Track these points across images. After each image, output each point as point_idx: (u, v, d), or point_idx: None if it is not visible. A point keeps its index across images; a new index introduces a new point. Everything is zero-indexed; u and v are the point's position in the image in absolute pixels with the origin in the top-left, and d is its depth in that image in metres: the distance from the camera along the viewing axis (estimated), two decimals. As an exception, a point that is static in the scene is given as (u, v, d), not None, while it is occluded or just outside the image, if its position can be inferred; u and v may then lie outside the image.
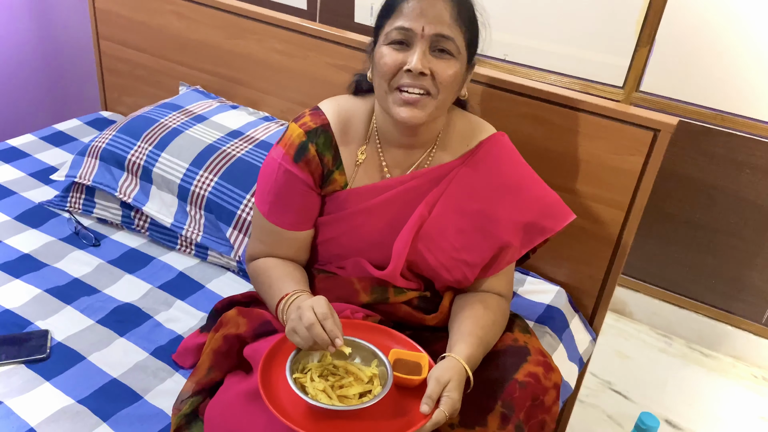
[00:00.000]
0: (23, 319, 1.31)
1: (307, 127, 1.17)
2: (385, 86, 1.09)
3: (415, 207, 1.17)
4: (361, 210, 1.19)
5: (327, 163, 1.17)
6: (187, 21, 1.93)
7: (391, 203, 1.18)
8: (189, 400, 1.11)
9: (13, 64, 2.24)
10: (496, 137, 1.21)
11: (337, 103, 1.21)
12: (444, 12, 1.05)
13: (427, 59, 1.06)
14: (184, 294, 1.44)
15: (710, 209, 2.12)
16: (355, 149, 1.19)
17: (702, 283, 2.24)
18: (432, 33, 1.05)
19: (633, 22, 2.01)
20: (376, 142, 1.19)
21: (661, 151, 1.34)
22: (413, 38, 1.06)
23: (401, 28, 1.06)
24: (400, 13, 1.06)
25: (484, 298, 1.20)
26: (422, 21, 1.04)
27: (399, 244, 1.16)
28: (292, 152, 1.16)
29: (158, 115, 1.72)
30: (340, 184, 1.19)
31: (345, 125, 1.19)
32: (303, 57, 1.76)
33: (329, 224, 1.22)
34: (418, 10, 1.05)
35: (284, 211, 1.19)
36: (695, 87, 2.01)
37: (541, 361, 1.12)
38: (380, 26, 1.11)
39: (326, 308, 1.00)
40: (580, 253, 1.53)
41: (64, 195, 1.69)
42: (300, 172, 1.16)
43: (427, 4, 1.05)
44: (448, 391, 0.98)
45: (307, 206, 1.20)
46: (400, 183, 1.18)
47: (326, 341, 0.97)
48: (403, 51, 1.07)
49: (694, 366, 2.20)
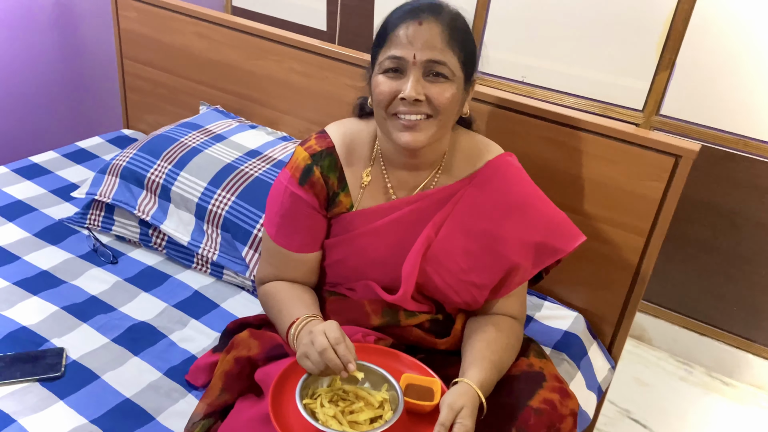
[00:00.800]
0: (39, 336, 1.32)
1: (312, 150, 1.17)
2: (383, 113, 1.09)
3: (422, 228, 1.16)
4: (368, 231, 1.18)
5: (332, 186, 1.18)
6: (208, 41, 1.96)
7: (397, 224, 1.18)
8: (200, 423, 1.10)
9: (37, 81, 2.28)
10: (502, 157, 1.20)
11: (343, 126, 1.22)
12: (435, 37, 1.04)
13: (422, 85, 1.05)
14: (198, 313, 1.45)
15: (732, 235, 2.09)
16: (360, 171, 1.20)
17: (723, 310, 2.19)
18: (424, 59, 1.04)
19: (653, 45, 2.00)
20: (381, 164, 1.19)
21: (682, 177, 1.32)
22: (406, 65, 1.05)
23: (393, 57, 1.05)
24: (392, 41, 1.06)
25: (496, 320, 1.18)
26: (413, 48, 1.04)
27: (407, 266, 1.15)
28: (298, 175, 1.17)
29: (178, 134, 1.74)
30: (345, 206, 1.19)
31: (350, 147, 1.19)
32: (322, 78, 1.78)
33: (336, 246, 1.22)
34: (409, 38, 1.04)
35: (291, 233, 1.19)
36: (717, 111, 1.99)
37: (557, 387, 1.10)
38: (375, 55, 1.11)
39: (338, 333, 0.99)
40: (599, 279, 1.51)
41: (83, 212, 1.71)
42: (305, 194, 1.17)
43: (417, 30, 1.04)
44: (461, 418, 0.96)
45: (314, 228, 1.20)
46: (406, 204, 1.18)
47: (339, 366, 0.97)
48: (397, 79, 1.06)
49: (714, 395, 2.15)
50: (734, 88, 1.94)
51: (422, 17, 1.05)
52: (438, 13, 1.06)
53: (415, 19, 1.05)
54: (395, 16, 1.08)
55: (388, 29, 1.08)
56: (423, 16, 1.05)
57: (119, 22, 2.14)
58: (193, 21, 1.96)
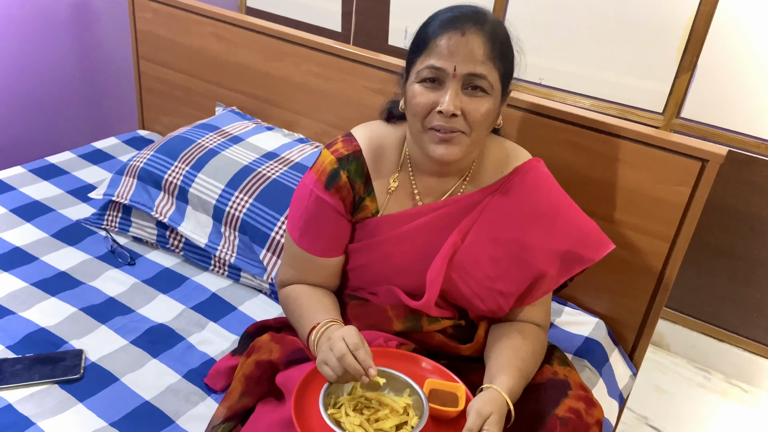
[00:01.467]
0: (58, 338, 1.31)
1: (339, 154, 1.16)
2: (419, 125, 1.07)
3: (448, 235, 1.15)
4: (393, 237, 1.17)
5: (358, 190, 1.16)
6: (225, 43, 1.95)
7: (422, 230, 1.16)
8: (220, 427, 1.09)
9: (54, 82, 2.28)
10: (530, 164, 1.18)
11: (370, 130, 1.20)
12: (477, 50, 1.01)
13: (460, 98, 1.03)
14: (216, 316, 1.44)
15: (753, 241, 2.06)
16: (387, 176, 1.18)
17: (742, 317, 2.16)
18: (464, 72, 1.02)
19: (674, 48, 1.98)
20: (409, 170, 1.18)
21: (708, 182, 1.30)
22: (445, 77, 1.03)
23: (432, 67, 1.03)
24: (432, 50, 1.03)
25: (521, 328, 1.17)
26: (454, 60, 1.01)
27: (432, 273, 1.14)
28: (324, 179, 1.15)
29: (195, 135, 1.74)
30: (371, 210, 1.18)
31: (377, 152, 1.18)
32: (339, 80, 1.77)
33: (360, 251, 1.20)
34: (450, 49, 1.01)
35: (315, 238, 1.18)
36: (738, 115, 1.96)
37: (582, 396, 1.08)
38: (411, 61, 1.07)
39: (357, 338, 0.98)
40: (621, 285, 1.49)
41: (101, 213, 1.71)
42: (331, 198, 1.15)
43: (459, 41, 1.01)
44: (488, 424, 0.95)
45: (338, 233, 1.18)
46: (432, 210, 1.16)
47: (359, 371, 0.95)
48: (435, 90, 1.04)
49: (733, 402, 2.12)
50: (756, 91, 1.91)
51: (465, 28, 1.01)
52: (482, 23, 1.03)
53: (457, 30, 1.01)
54: (436, 23, 1.04)
55: (429, 37, 1.04)
56: (466, 27, 1.02)
57: (136, 23, 2.14)
58: (210, 22, 1.95)
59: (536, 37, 2.19)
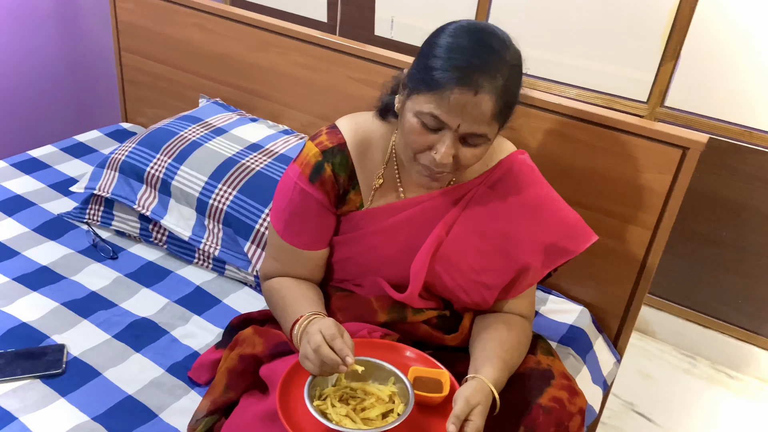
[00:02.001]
0: (40, 332, 1.30)
1: (323, 147, 1.15)
2: (410, 154, 1.05)
3: (432, 227, 1.14)
4: (377, 230, 1.17)
5: (343, 183, 1.16)
6: (209, 34, 1.93)
7: (407, 223, 1.16)
8: (204, 420, 1.09)
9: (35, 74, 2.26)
10: (515, 156, 1.18)
11: (355, 122, 1.18)
12: (486, 110, 0.97)
13: (456, 147, 1.01)
14: (200, 309, 1.43)
15: (737, 228, 2.07)
16: (371, 170, 1.17)
17: (728, 303, 2.18)
18: (466, 132, 0.99)
19: (658, 36, 1.98)
20: (394, 164, 1.17)
21: (690, 169, 1.31)
22: (446, 128, 1.00)
23: (436, 117, 0.98)
24: (439, 98, 0.97)
25: (507, 319, 1.17)
26: (460, 119, 0.97)
27: (416, 265, 1.14)
28: (308, 172, 1.14)
29: (178, 127, 1.72)
30: (355, 204, 1.18)
31: (362, 145, 1.17)
32: (324, 70, 1.75)
33: (345, 244, 1.20)
34: (459, 107, 0.96)
35: (299, 231, 1.17)
36: (722, 102, 1.97)
37: (565, 385, 1.09)
38: (416, 90, 1.00)
39: (334, 329, 0.98)
40: (604, 273, 1.49)
41: (83, 207, 1.69)
42: (315, 192, 1.14)
43: (469, 102, 0.95)
44: (474, 415, 0.95)
45: (323, 226, 1.18)
46: (416, 203, 1.16)
47: (336, 361, 0.95)
48: (433, 133, 1.01)
49: (719, 388, 2.14)
50: (740, 79, 1.92)
51: (479, 85, 0.95)
52: (495, 75, 0.96)
53: (471, 88, 0.95)
54: (449, 65, 0.96)
55: (439, 80, 0.96)
56: (480, 83, 0.95)
57: (117, 14, 2.11)
58: (193, 12, 1.93)
59: (521, 27, 2.18)
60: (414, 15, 2.38)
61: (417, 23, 2.38)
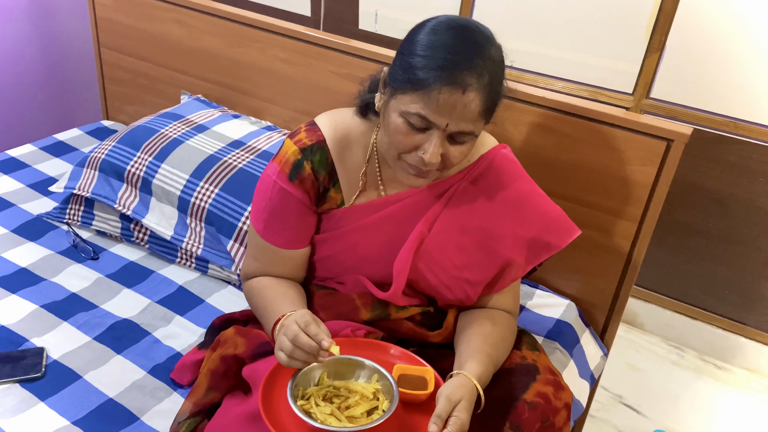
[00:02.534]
0: (19, 336, 1.28)
1: (302, 144, 1.13)
2: (395, 153, 1.04)
3: (414, 224, 1.13)
4: (358, 227, 1.15)
5: (323, 181, 1.14)
6: (188, 29, 1.90)
7: (389, 220, 1.14)
8: (186, 422, 1.08)
9: (13, 72, 2.22)
10: (497, 150, 1.17)
11: (334, 119, 1.16)
12: (474, 108, 0.96)
13: (443, 146, 1.00)
14: (183, 309, 1.41)
15: (723, 219, 2.07)
16: (351, 167, 1.15)
17: (715, 294, 2.19)
18: (455, 130, 0.98)
19: (643, 27, 1.97)
20: (375, 160, 1.16)
21: (674, 161, 1.30)
22: (433, 127, 0.98)
23: (423, 118, 0.97)
24: (426, 97, 0.95)
25: (491, 314, 1.16)
26: (448, 118, 0.96)
27: (399, 263, 1.13)
28: (287, 170, 1.12)
29: (158, 125, 1.69)
30: (336, 201, 1.16)
31: (342, 143, 1.15)
32: (306, 65, 1.73)
33: (326, 242, 1.18)
34: (447, 106, 0.95)
35: (279, 230, 1.16)
36: (707, 94, 1.97)
37: (550, 380, 1.08)
38: (401, 89, 0.98)
39: (308, 317, 0.98)
40: (590, 266, 1.49)
41: (62, 207, 1.66)
42: (295, 190, 1.13)
43: (458, 98, 0.94)
44: (458, 411, 0.94)
45: (303, 225, 1.16)
46: (398, 200, 1.14)
47: (313, 346, 0.94)
48: (419, 133, 0.99)
49: (707, 379, 2.15)
50: (725, 70, 1.92)
51: (467, 82, 0.94)
52: (481, 72, 0.95)
53: (458, 87, 0.94)
54: (436, 65, 0.94)
55: (426, 80, 0.94)
56: (467, 81, 0.94)
57: (95, 10, 2.08)
58: (171, 7, 1.90)
59: (506, 20, 2.17)
60: (398, 8, 2.36)
61: (402, 16, 2.36)
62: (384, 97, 1.05)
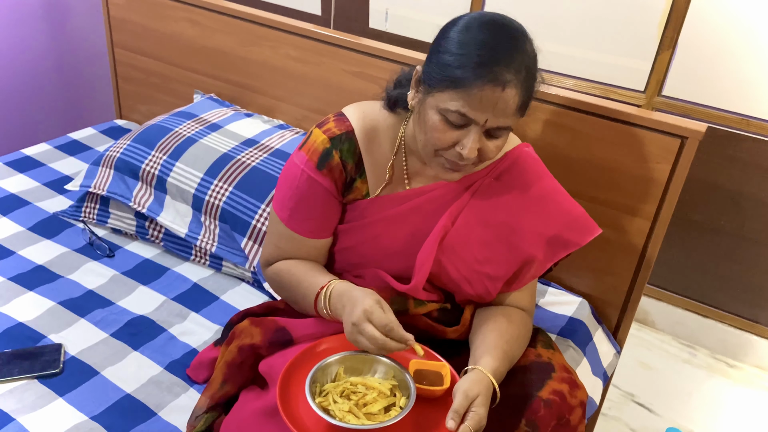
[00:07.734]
0: (37, 332, 1.30)
1: (331, 134, 1.14)
2: (431, 150, 1.05)
3: (438, 218, 1.14)
4: (382, 219, 1.16)
5: (350, 171, 1.15)
6: (201, 28, 1.91)
7: (413, 213, 1.15)
8: (203, 417, 1.09)
9: (27, 72, 2.24)
10: (520, 148, 1.18)
11: (362, 110, 1.17)
12: (512, 104, 0.97)
13: (481, 141, 1.01)
14: (198, 306, 1.42)
15: (736, 216, 2.07)
16: (378, 159, 1.16)
17: (727, 292, 2.18)
18: (493, 126, 0.99)
19: (655, 24, 1.97)
20: (402, 154, 1.16)
21: (688, 159, 1.30)
22: (471, 123, 1.00)
23: (463, 115, 0.98)
24: (465, 95, 0.96)
25: (507, 312, 1.17)
26: (487, 114, 0.97)
27: (422, 256, 1.13)
28: (316, 159, 1.13)
29: (172, 124, 1.71)
30: (361, 192, 1.17)
31: (370, 134, 1.16)
32: (318, 63, 1.74)
33: (349, 232, 1.19)
34: (487, 102, 0.96)
35: (305, 218, 1.16)
36: (720, 91, 1.96)
37: (566, 377, 1.09)
38: (437, 87, 0.99)
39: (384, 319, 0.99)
40: (603, 264, 1.49)
41: (78, 205, 1.68)
42: (323, 179, 1.13)
43: (498, 95, 0.96)
44: (475, 406, 0.95)
45: (329, 214, 1.17)
46: (422, 193, 1.15)
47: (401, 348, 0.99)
48: (457, 129, 1.01)
49: (719, 377, 2.14)
50: (737, 68, 1.91)
51: (505, 79, 0.95)
52: (519, 69, 0.97)
53: (497, 84, 0.95)
54: (474, 62, 0.95)
55: (465, 78, 0.96)
56: (506, 78, 0.95)
57: (109, 10, 2.09)
58: (184, 7, 1.91)
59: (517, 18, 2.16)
60: (409, 7, 2.36)
61: (412, 15, 2.36)
62: (418, 95, 1.06)
